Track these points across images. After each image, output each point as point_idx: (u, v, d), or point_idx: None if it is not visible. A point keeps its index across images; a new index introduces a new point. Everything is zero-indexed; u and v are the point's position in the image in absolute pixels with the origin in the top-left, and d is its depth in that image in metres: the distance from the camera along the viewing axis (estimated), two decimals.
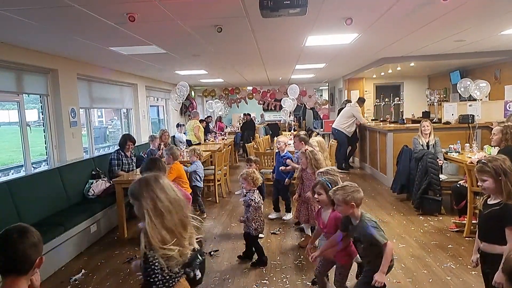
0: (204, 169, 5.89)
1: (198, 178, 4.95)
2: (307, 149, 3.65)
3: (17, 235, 1.29)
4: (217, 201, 5.68)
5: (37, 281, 1.43)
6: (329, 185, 2.47)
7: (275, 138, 5.42)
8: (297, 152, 4.41)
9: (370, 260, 2.19)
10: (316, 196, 2.49)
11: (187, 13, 3.17)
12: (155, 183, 1.53)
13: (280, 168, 4.57)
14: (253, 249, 3.46)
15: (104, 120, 11.71)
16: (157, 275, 1.41)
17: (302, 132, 5.01)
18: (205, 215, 4.97)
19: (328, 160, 4.41)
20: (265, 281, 3.06)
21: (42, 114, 4.90)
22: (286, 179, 4.55)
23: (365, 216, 2.20)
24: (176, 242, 1.46)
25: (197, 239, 1.67)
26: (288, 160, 4.46)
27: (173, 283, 1.47)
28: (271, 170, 5.11)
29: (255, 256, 3.44)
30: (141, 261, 1.47)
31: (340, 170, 6.49)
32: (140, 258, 1.47)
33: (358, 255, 2.42)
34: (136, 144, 5.61)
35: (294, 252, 3.62)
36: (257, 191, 3.44)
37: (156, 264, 1.41)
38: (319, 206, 2.63)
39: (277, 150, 4.79)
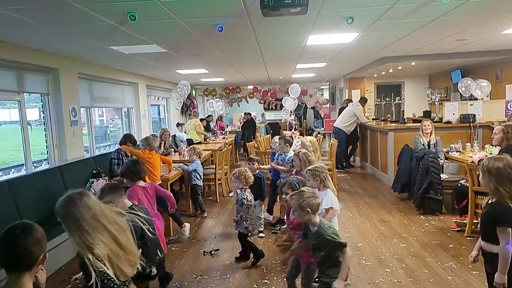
0: (205, 168, 5.89)
1: (198, 176, 4.95)
2: (300, 151, 3.63)
3: (21, 231, 1.30)
4: (218, 200, 5.68)
5: (42, 278, 1.43)
6: (297, 185, 2.46)
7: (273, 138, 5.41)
8: (281, 155, 4.42)
9: (324, 271, 2.17)
10: (284, 196, 2.48)
11: (187, 12, 3.16)
12: (79, 200, 1.50)
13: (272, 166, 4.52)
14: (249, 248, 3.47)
15: (105, 119, 11.72)
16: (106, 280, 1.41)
17: (288, 134, 5.00)
18: (206, 214, 4.98)
19: (320, 160, 4.42)
20: (265, 281, 3.06)
21: (43, 113, 4.90)
22: (279, 180, 4.53)
23: (324, 223, 2.18)
24: (110, 261, 1.43)
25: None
26: (272, 163, 4.33)
27: None
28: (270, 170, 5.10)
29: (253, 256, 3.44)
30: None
31: (337, 170, 6.52)
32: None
33: None
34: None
35: None
36: (249, 189, 3.45)
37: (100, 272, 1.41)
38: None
39: (274, 150, 4.77)
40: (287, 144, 4.40)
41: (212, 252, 3.67)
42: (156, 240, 2.38)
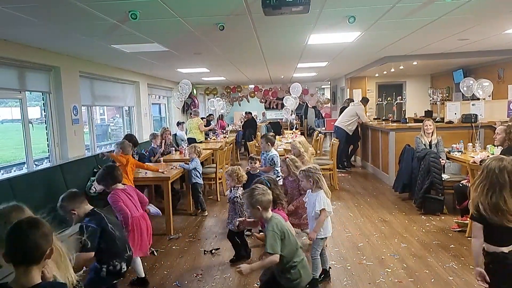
0: (205, 167, 5.90)
1: (198, 175, 4.94)
2: (287, 156, 3.62)
3: (28, 225, 1.33)
4: (219, 199, 5.68)
5: (49, 273, 1.45)
6: (268, 183, 2.45)
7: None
8: (263, 154, 4.40)
9: (280, 273, 2.17)
10: None
11: (189, 11, 3.15)
12: (7, 217, 1.56)
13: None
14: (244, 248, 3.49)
15: (106, 118, 11.72)
16: None
17: (270, 134, 5.01)
18: (206, 213, 4.98)
19: (313, 159, 4.42)
20: None
21: (45, 112, 4.91)
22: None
23: (273, 221, 2.17)
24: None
25: None
26: (256, 164, 4.24)
27: None
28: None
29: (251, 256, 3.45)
30: None
31: (338, 169, 6.51)
32: None
33: None
34: (137, 145, 5.59)
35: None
36: (241, 188, 3.45)
37: None
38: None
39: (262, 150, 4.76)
40: (269, 143, 4.43)
41: (213, 251, 3.67)
42: (124, 238, 2.48)
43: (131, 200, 2.95)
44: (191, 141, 7.54)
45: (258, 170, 4.15)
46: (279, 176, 3.93)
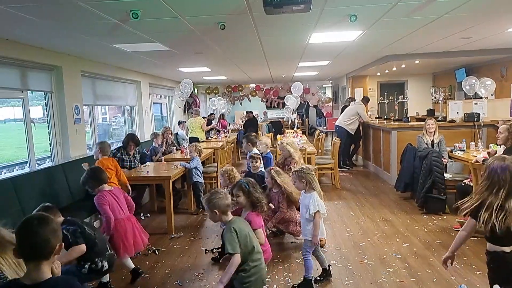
0: (206, 167, 5.90)
1: (198, 174, 4.95)
2: (272, 168, 3.63)
3: (38, 221, 1.36)
4: None
5: (57, 269, 1.50)
6: (246, 186, 2.44)
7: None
8: (248, 154, 4.42)
9: (237, 273, 2.18)
10: (234, 198, 2.47)
11: (190, 10, 3.15)
12: None
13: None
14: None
15: (108, 117, 11.74)
16: None
17: (252, 134, 5.02)
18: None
19: (302, 159, 4.44)
20: (267, 280, 3.05)
21: (47, 111, 4.92)
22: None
23: (231, 223, 2.20)
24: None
25: None
26: (257, 163, 4.19)
27: None
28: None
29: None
30: None
31: (339, 168, 6.50)
32: None
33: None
34: (139, 141, 5.60)
35: (297, 251, 3.61)
36: None
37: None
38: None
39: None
40: (249, 143, 4.47)
41: (214, 250, 3.67)
42: (103, 238, 2.61)
43: (117, 202, 2.98)
44: (194, 140, 7.52)
45: (259, 169, 4.15)
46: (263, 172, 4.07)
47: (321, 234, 2.86)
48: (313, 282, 2.88)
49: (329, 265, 3.00)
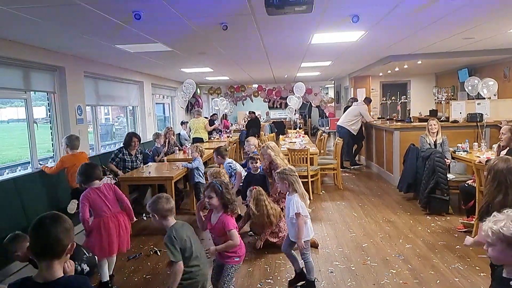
0: (208, 167, 5.90)
1: (200, 174, 4.94)
2: (255, 187, 3.66)
3: (50, 220, 1.37)
4: None
5: (69, 268, 1.52)
6: (220, 187, 2.42)
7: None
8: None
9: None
10: (207, 199, 2.45)
11: (192, 11, 3.15)
12: None
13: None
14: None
15: (110, 117, 11.78)
16: None
17: (223, 146, 5.05)
18: None
19: (286, 160, 4.44)
20: (269, 280, 3.05)
21: (49, 111, 4.94)
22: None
23: (172, 228, 2.21)
24: None
25: None
26: (257, 164, 4.21)
27: None
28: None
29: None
30: None
31: (341, 169, 6.48)
32: None
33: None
34: (141, 142, 5.61)
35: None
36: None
37: None
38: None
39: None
40: (219, 156, 4.52)
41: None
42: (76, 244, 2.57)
43: (103, 199, 2.89)
44: (197, 140, 7.50)
45: (259, 170, 4.14)
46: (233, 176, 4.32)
47: (306, 236, 2.80)
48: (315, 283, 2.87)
49: (315, 278, 2.87)
